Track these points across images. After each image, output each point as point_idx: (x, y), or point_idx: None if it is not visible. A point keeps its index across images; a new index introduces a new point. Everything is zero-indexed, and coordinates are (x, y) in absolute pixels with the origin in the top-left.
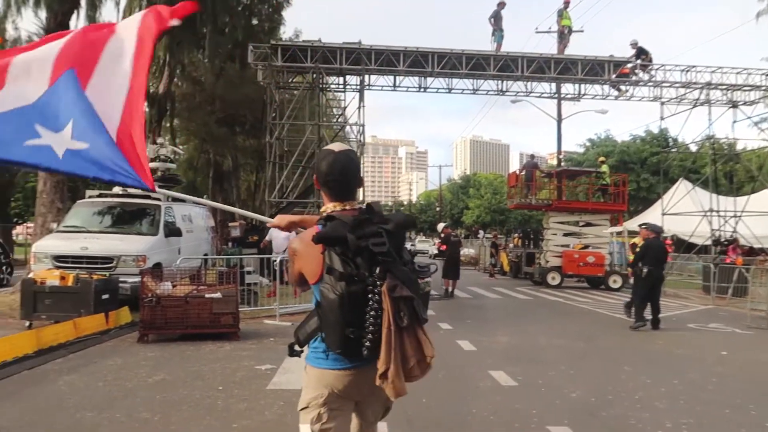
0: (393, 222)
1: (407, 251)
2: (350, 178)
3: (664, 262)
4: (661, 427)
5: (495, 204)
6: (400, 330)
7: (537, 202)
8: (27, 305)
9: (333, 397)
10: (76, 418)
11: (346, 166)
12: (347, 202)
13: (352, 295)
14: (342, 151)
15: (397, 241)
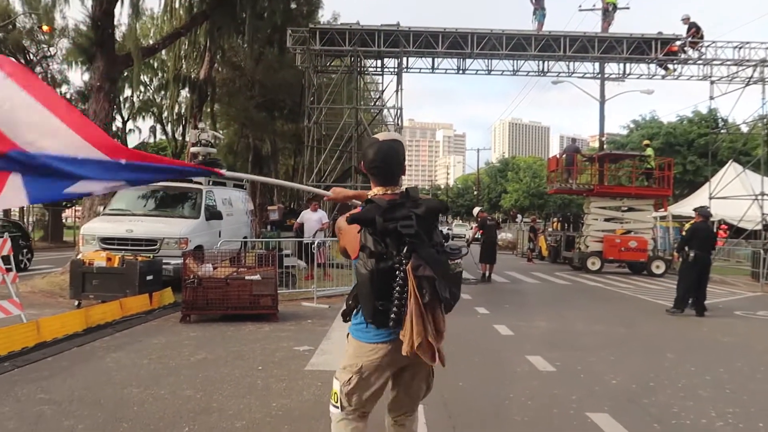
0: (424, 207)
1: (440, 234)
2: (392, 166)
3: (712, 248)
4: (706, 416)
5: (534, 188)
6: (424, 306)
7: (578, 187)
8: (76, 285)
9: (365, 369)
10: (123, 393)
11: (388, 154)
12: (389, 187)
13: (381, 272)
14: (386, 140)
15: (427, 224)
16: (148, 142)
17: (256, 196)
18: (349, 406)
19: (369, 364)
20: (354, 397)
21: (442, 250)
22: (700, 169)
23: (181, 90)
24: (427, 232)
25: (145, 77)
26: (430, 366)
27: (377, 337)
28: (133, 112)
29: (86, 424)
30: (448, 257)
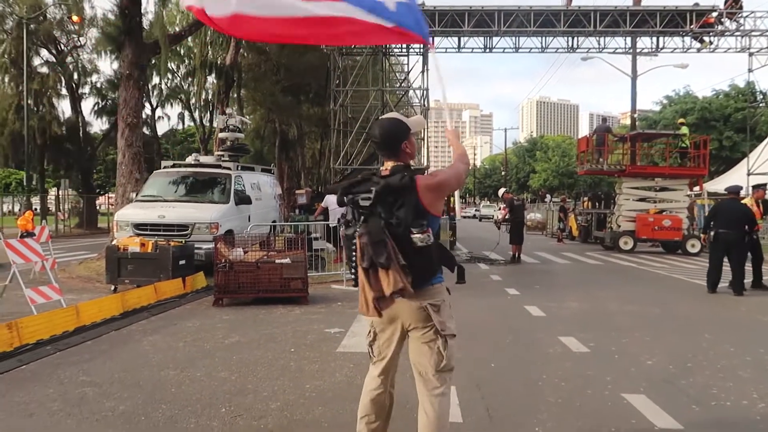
0: (383, 183)
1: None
2: (384, 142)
3: (741, 225)
4: (747, 397)
5: (563, 167)
6: (365, 270)
7: (609, 168)
8: (112, 270)
9: (375, 323)
10: (160, 375)
11: (377, 132)
12: (391, 161)
13: (347, 238)
14: (384, 119)
15: (386, 199)
16: (177, 129)
17: (283, 180)
18: (373, 356)
19: (376, 319)
20: (374, 347)
21: (399, 224)
22: (737, 145)
23: (208, 76)
24: (388, 205)
25: (172, 64)
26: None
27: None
28: (161, 99)
29: (127, 406)
30: (407, 231)
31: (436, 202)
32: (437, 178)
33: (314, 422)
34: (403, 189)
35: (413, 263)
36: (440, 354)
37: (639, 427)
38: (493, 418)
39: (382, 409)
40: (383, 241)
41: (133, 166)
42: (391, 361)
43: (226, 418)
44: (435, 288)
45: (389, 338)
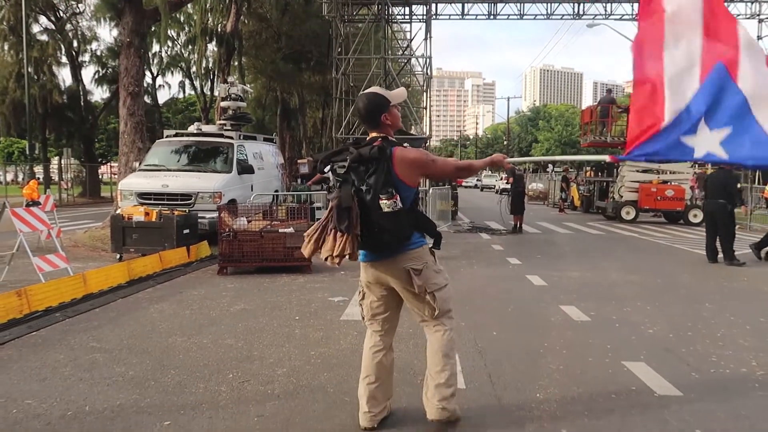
0: (356, 154)
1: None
2: (366, 115)
3: (722, 195)
4: (746, 364)
5: (566, 137)
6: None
7: (613, 140)
8: (117, 239)
9: (363, 283)
10: (168, 342)
11: (363, 105)
12: (374, 131)
13: (328, 201)
14: (365, 93)
15: (360, 167)
16: (178, 98)
17: (285, 150)
18: (364, 316)
19: (364, 279)
20: (365, 307)
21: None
22: None
23: (209, 44)
24: (360, 174)
25: (172, 32)
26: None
27: (362, 257)
28: (162, 67)
29: (136, 371)
30: (376, 197)
31: (411, 175)
32: (415, 156)
33: (320, 387)
34: (372, 159)
35: (383, 226)
36: (431, 306)
37: (639, 394)
38: (495, 385)
39: (382, 369)
40: (349, 208)
41: (135, 135)
42: (385, 320)
43: (234, 383)
44: (416, 252)
45: (379, 298)
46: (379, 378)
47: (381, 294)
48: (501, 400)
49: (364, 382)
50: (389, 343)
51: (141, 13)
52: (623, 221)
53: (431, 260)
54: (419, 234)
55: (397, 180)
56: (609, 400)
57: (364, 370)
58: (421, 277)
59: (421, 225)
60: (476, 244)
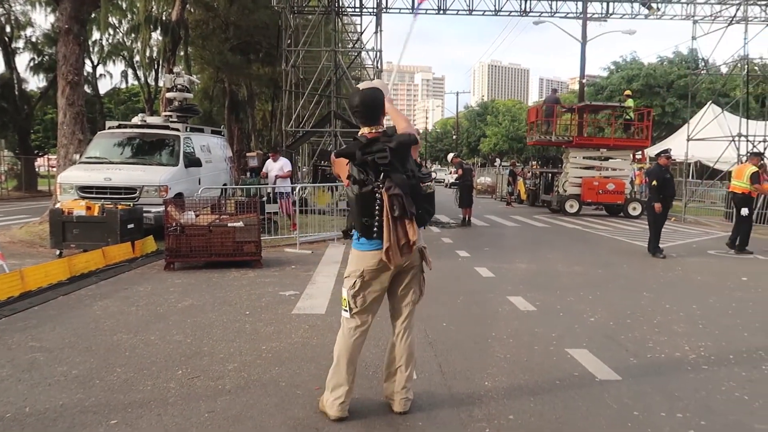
0: (396, 141)
1: (413, 162)
2: (372, 109)
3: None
4: (679, 349)
5: (513, 131)
6: (394, 219)
7: (557, 139)
8: (56, 234)
9: (366, 272)
10: (113, 339)
11: (367, 100)
12: (373, 127)
13: (363, 195)
14: (365, 88)
15: (400, 155)
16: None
17: (233, 143)
18: (355, 307)
19: (368, 268)
20: (359, 298)
21: (413, 176)
22: (679, 111)
23: (153, 33)
24: (401, 161)
25: (113, 19)
26: (421, 272)
27: (372, 245)
28: (103, 56)
29: (80, 370)
30: (419, 181)
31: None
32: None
33: (272, 382)
34: (410, 145)
35: (426, 208)
36: (420, 288)
37: (581, 380)
38: (445, 374)
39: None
40: (408, 194)
41: (75, 126)
42: (373, 313)
43: (183, 379)
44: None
45: (381, 289)
46: (355, 367)
47: (382, 285)
48: (451, 389)
49: (347, 373)
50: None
51: None
52: (567, 214)
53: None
54: None
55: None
56: (554, 386)
57: (345, 361)
58: (428, 255)
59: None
60: (426, 238)
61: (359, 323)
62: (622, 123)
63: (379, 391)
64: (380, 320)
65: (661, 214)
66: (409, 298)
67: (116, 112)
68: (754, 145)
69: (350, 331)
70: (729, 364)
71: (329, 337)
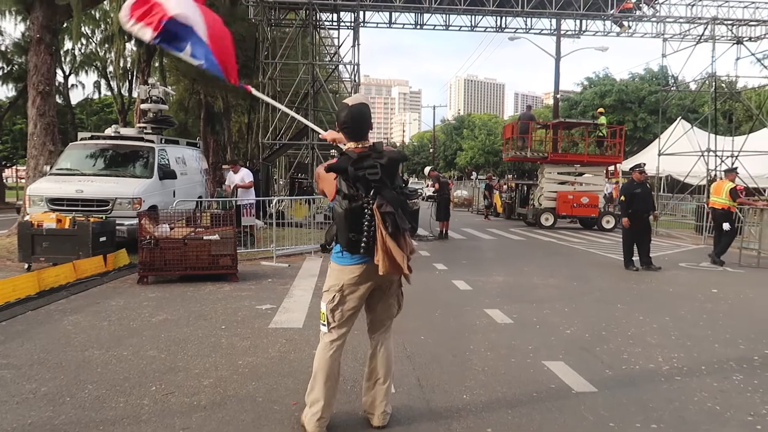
0: (386, 157)
1: (400, 179)
2: (361, 124)
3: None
4: (653, 360)
5: (489, 145)
6: (390, 235)
7: (533, 155)
8: (25, 248)
9: (345, 287)
10: (84, 355)
11: (356, 115)
12: (360, 142)
13: (353, 210)
14: (355, 104)
15: (390, 171)
16: (93, 99)
17: (209, 155)
18: (333, 322)
19: (348, 282)
20: (337, 312)
21: (401, 192)
22: (650, 126)
23: (127, 43)
24: (390, 177)
25: (86, 29)
26: (399, 287)
27: (353, 260)
28: (75, 66)
29: (49, 387)
30: (407, 197)
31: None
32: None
33: (248, 397)
34: (399, 162)
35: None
36: (398, 303)
37: (558, 392)
38: (423, 387)
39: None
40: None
41: (46, 137)
42: (350, 327)
43: (157, 396)
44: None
45: (358, 302)
46: (336, 382)
47: (360, 299)
48: (429, 403)
49: (325, 387)
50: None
51: (53, 7)
52: (543, 227)
53: None
54: None
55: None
56: (531, 398)
57: (322, 376)
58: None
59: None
60: None
61: (335, 337)
62: (596, 139)
63: (358, 406)
64: (358, 333)
65: (632, 229)
66: (388, 312)
67: (88, 123)
68: (722, 160)
69: (327, 346)
70: (701, 374)
71: (307, 351)
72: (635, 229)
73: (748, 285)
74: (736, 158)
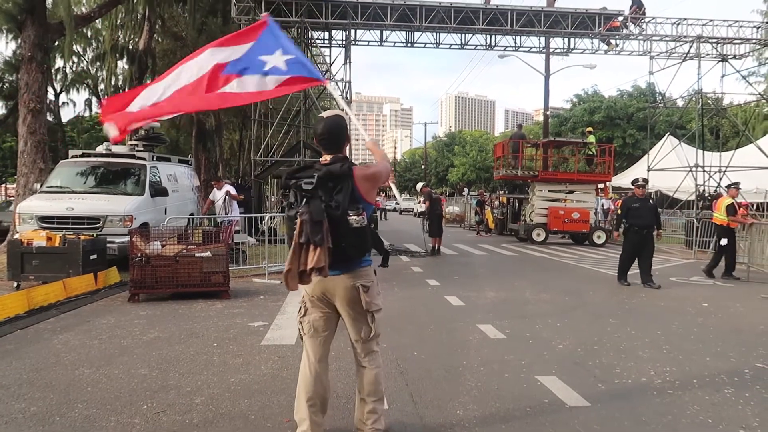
0: (325, 170)
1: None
2: (334, 137)
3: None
4: (645, 374)
5: (480, 161)
6: (299, 245)
7: (523, 173)
8: (14, 266)
9: (307, 297)
10: (74, 374)
11: (330, 128)
12: (330, 155)
13: (289, 218)
14: (330, 116)
15: (328, 184)
16: (84, 116)
17: (201, 172)
18: (304, 333)
19: (309, 292)
20: (305, 323)
21: (336, 207)
22: (639, 142)
23: (119, 61)
24: (327, 190)
25: (78, 47)
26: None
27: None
28: (66, 84)
29: (39, 407)
30: (344, 214)
31: (371, 191)
32: (371, 169)
33: (241, 415)
34: (342, 176)
35: (350, 242)
36: (368, 326)
37: (551, 406)
38: (417, 404)
39: (323, 389)
40: (321, 222)
41: (36, 155)
42: (326, 339)
43: (148, 414)
44: (365, 270)
45: (323, 315)
46: (321, 398)
47: (323, 311)
48: (423, 419)
49: (306, 405)
50: (326, 361)
51: (45, 26)
52: (534, 242)
53: (376, 280)
54: (369, 252)
55: (360, 197)
56: (524, 413)
57: (306, 392)
58: (369, 295)
59: (375, 242)
60: (396, 267)
61: (310, 351)
62: (585, 158)
63: (351, 423)
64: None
65: (631, 244)
66: (357, 334)
67: (79, 140)
68: (710, 175)
69: (303, 359)
70: (693, 388)
71: (299, 368)
72: (634, 245)
73: (737, 299)
74: (724, 173)
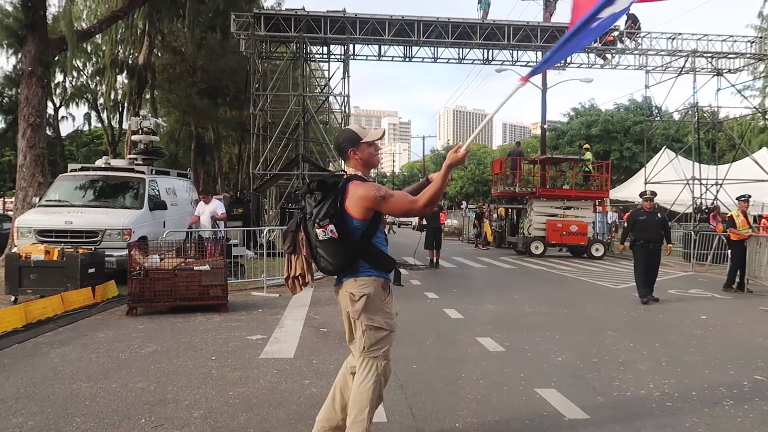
0: (315, 182)
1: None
2: (338, 149)
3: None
4: (644, 387)
5: (478, 175)
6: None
7: (521, 190)
8: (12, 280)
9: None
10: (72, 388)
11: (336, 140)
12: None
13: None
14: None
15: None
16: (83, 130)
17: (199, 185)
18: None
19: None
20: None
21: (309, 218)
22: (636, 155)
23: (119, 76)
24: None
25: (78, 62)
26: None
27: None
28: (65, 98)
29: (36, 421)
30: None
31: (357, 209)
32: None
33: (239, 428)
34: (330, 188)
35: (320, 254)
36: (361, 337)
37: (550, 419)
38: (416, 417)
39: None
40: (292, 232)
41: (35, 168)
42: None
43: (146, 428)
44: (361, 280)
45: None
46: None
47: (346, 320)
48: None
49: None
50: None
51: (45, 42)
52: (533, 255)
53: (380, 296)
54: (369, 265)
55: (345, 212)
56: (524, 426)
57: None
58: (358, 305)
59: (374, 258)
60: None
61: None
62: (582, 174)
63: None
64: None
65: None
66: (357, 342)
67: (78, 154)
68: (707, 188)
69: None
70: (692, 400)
71: (298, 381)
72: (645, 260)
73: (736, 311)
74: (721, 186)
